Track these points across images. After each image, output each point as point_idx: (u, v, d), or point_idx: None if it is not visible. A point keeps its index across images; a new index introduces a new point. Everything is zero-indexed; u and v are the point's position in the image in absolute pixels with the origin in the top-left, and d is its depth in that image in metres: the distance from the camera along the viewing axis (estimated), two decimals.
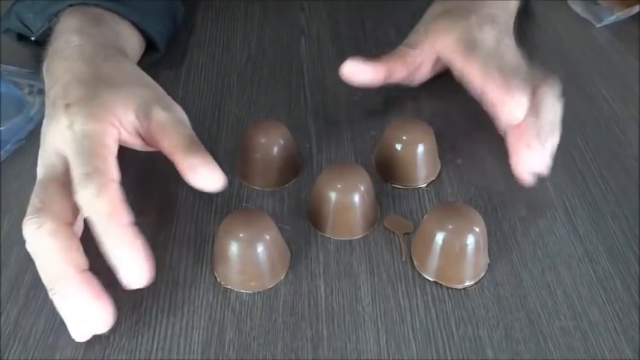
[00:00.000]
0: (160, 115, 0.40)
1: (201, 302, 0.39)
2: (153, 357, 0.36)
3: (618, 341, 0.37)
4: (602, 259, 0.41)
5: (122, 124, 0.40)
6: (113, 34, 0.48)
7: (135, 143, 0.41)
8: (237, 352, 0.37)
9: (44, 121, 0.41)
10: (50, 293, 0.35)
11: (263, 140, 0.45)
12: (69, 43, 0.44)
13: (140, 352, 0.37)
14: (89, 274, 0.35)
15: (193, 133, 0.41)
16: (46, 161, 0.39)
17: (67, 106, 0.39)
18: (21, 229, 0.43)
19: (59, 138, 0.39)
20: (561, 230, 0.43)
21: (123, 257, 0.35)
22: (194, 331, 0.38)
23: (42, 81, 0.45)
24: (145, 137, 0.41)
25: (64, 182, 0.37)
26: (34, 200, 0.37)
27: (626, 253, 0.42)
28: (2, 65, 0.56)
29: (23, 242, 0.42)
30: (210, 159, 0.39)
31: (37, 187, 0.38)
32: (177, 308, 0.39)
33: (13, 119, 0.51)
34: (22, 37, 0.54)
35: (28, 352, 0.37)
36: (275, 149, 0.45)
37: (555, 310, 0.39)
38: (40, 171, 0.39)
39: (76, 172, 0.37)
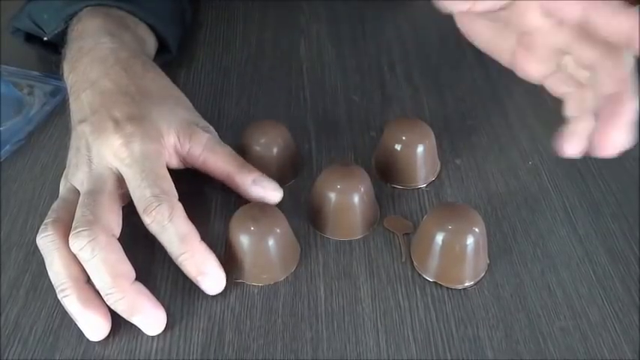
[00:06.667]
0: (203, 136, 0.42)
1: (201, 303, 0.39)
2: (153, 357, 0.36)
3: (618, 341, 0.37)
4: (602, 259, 0.41)
5: (165, 144, 0.41)
6: (139, 38, 0.49)
7: (171, 162, 0.42)
8: (237, 353, 0.37)
9: (82, 127, 0.41)
10: (109, 302, 0.36)
11: (263, 140, 0.45)
12: (100, 44, 0.45)
13: (140, 352, 0.37)
14: (140, 285, 0.37)
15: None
16: (94, 174, 0.39)
17: (117, 121, 0.40)
18: (20, 230, 0.43)
19: (111, 153, 0.39)
20: (561, 231, 0.43)
21: (205, 271, 0.38)
22: (194, 331, 0.38)
23: (60, 77, 0.46)
24: (186, 157, 0.43)
25: (114, 196, 0.38)
26: (84, 212, 0.37)
27: (626, 254, 0.42)
28: (2, 65, 0.56)
29: (23, 243, 0.42)
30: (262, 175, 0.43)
31: (86, 199, 0.38)
32: (177, 309, 0.39)
33: (13, 120, 0.51)
34: (30, 38, 0.54)
35: (27, 352, 0.37)
36: (275, 149, 0.45)
37: (555, 310, 0.39)
38: (87, 182, 0.39)
39: (143, 194, 0.37)
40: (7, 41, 0.56)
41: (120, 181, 0.39)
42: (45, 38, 0.51)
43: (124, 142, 0.39)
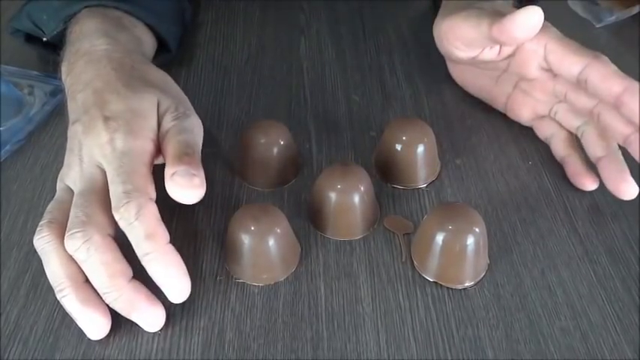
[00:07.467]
0: (168, 124, 0.41)
1: (201, 302, 0.39)
2: (153, 357, 0.36)
3: (618, 341, 0.37)
4: (602, 259, 0.41)
5: (154, 137, 0.40)
6: (135, 38, 0.49)
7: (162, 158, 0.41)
8: (237, 353, 0.37)
9: (75, 127, 0.41)
10: (107, 300, 0.36)
11: (263, 140, 0.45)
12: (95, 47, 0.44)
13: (140, 352, 0.37)
14: (137, 282, 0.37)
15: (194, 140, 0.40)
16: (86, 173, 0.39)
17: (107, 119, 0.39)
18: (20, 230, 0.43)
19: (99, 151, 0.39)
20: (561, 230, 0.43)
21: (165, 276, 0.37)
22: (194, 331, 0.38)
23: (58, 79, 0.46)
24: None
25: (106, 195, 0.38)
26: (77, 213, 0.37)
27: (626, 254, 0.42)
28: (2, 65, 0.56)
29: (23, 243, 0.42)
30: (194, 170, 0.37)
31: (79, 200, 0.38)
32: (177, 308, 0.39)
33: (13, 120, 0.51)
34: (29, 39, 0.54)
35: (28, 353, 0.37)
36: (275, 149, 0.45)
37: (555, 310, 0.39)
38: (79, 182, 0.39)
39: (116, 190, 0.37)
40: (7, 41, 0.56)
41: None
42: (44, 39, 0.51)
43: (109, 139, 0.38)
